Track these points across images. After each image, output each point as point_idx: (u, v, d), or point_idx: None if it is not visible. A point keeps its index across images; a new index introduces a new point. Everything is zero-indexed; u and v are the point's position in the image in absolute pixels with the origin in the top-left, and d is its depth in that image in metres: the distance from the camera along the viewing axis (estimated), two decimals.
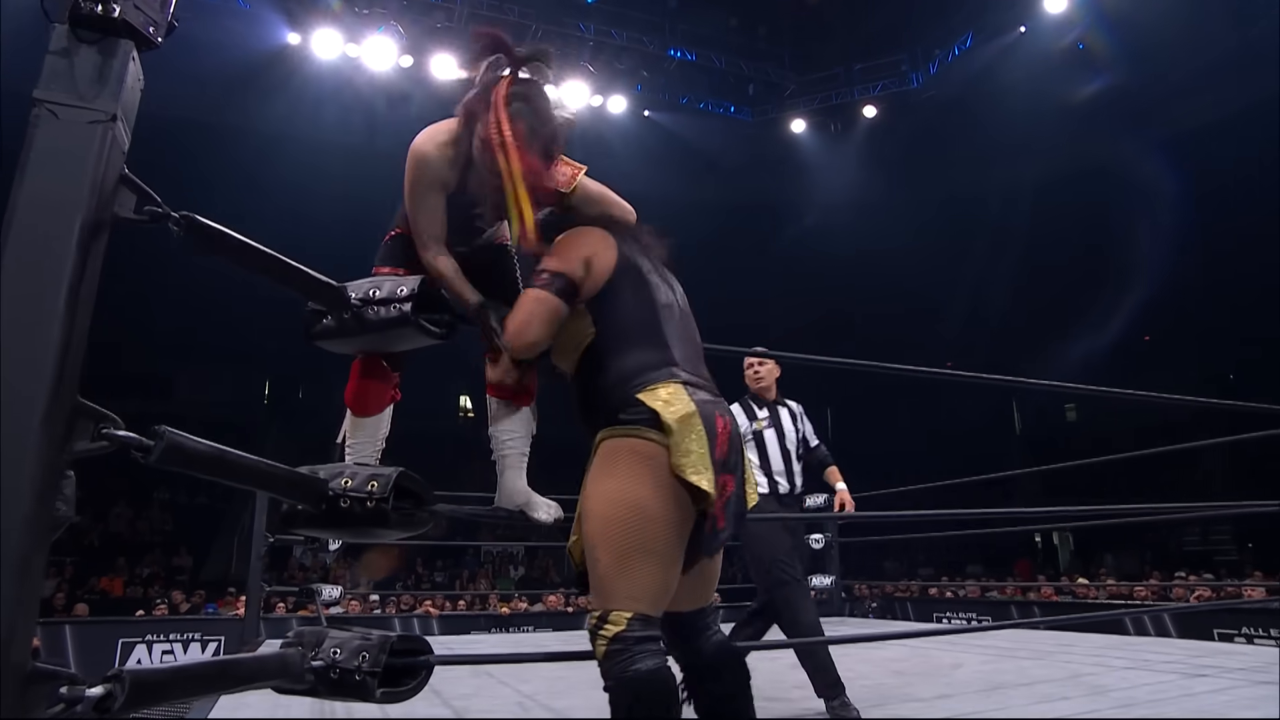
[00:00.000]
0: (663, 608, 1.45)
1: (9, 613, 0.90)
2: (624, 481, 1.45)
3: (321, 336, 1.66)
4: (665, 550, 1.44)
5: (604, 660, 1.39)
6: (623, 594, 1.41)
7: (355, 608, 8.32)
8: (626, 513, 1.43)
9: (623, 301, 1.60)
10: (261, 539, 4.78)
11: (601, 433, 1.52)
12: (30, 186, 1.03)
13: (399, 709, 2.76)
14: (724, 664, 1.57)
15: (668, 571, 1.45)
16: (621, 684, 1.36)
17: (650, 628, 1.41)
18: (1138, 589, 8.40)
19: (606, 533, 1.44)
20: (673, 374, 1.53)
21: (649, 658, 1.37)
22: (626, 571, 1.41)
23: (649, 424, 1.46)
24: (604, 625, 1.40)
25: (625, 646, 1.37)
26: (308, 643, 1.42)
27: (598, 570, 1.44)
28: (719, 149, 16.60)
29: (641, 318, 1.60)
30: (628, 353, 1.55)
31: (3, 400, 0.97)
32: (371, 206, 13.56)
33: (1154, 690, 3.00)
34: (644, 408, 1.48)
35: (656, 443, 1.45)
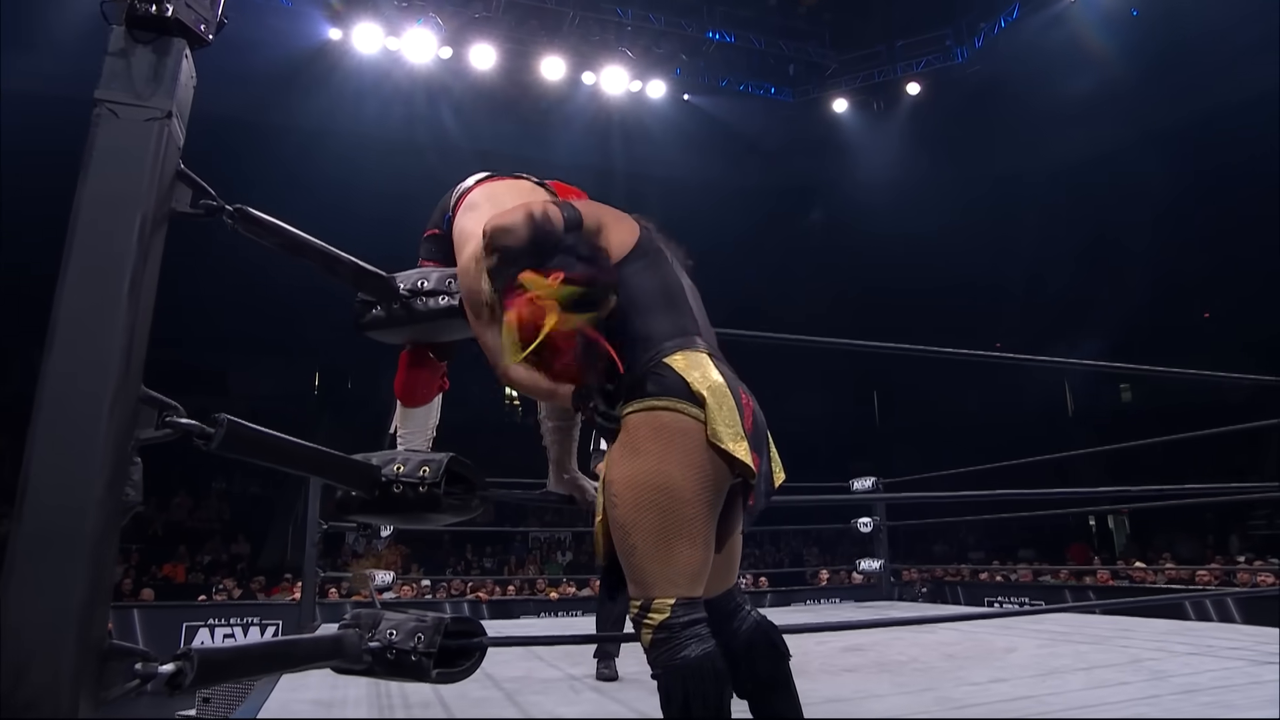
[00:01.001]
0: (703, 586, 1.41)
1: (86, 593, 0.94)
2: (652, 461, 1.39)
3: (371, 327, 1.69)
4: (701, 529, 1.40)
5: (651, 649, 1.37)
6: (663, 580, 1.37)
7: (408, 593, 8.50)
8: (657, 495, 1.38)
9: (645, 273, 1.55)
10: (315, 526, 4.90)
11: (626, 406, 1.45)
12: (93, 184, 1.06)
13: (451, 690, 2.83)
14: (760, 643, 1.54)
15: (705, 550, 1.41)
16: (670, 672, 1.34)
17: (695, 610, 1.38)
18: (1200, 573, 8.14)
19: (638, 518, 1.39)
20: (695, 342, 1.49)
21: (697, 644, 1.35)
22: (664, 556, 1.37)
23: (678, 394, 1.41)
24: (648, 614, 1.37)
25: (671, 634, 1.35)
26: (364, 624, 1.46)
27: (634, 558, 1.40)
28: (760, 131, 16.41)
29: (666, 290, 1.55)
30: (651, 321, 1.49)
31: (72, 389, 1.01)
32: (410, 200, 13.72)
33: (1218, 677, 2.91)
34: (672, 374, 1.42)
35: (686, 414, 1.40)
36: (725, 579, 1.57)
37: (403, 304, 1.64)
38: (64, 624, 0.92)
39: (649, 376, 1.44)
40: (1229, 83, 13.00)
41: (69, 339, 1.01)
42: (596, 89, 14.65)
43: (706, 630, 1.38)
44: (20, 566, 0.93)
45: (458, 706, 2.65)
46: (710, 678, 1.34)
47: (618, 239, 1.56)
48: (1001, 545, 14.39)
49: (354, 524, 4.67)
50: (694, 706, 1.31)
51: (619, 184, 15.35)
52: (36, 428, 0.98)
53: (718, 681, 1.34)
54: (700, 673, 1.33)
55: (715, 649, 1.37)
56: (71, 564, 0.95)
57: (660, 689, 1.35)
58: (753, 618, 1.57)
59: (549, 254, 1.47)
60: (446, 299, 1.67)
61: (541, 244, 1.47)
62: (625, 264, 1.53)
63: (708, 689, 1.33)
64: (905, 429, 17.22)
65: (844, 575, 9.39)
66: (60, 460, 0.98)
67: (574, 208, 1.56)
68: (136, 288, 1.05)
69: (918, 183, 16.10)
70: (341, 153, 14.27)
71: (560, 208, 1.55)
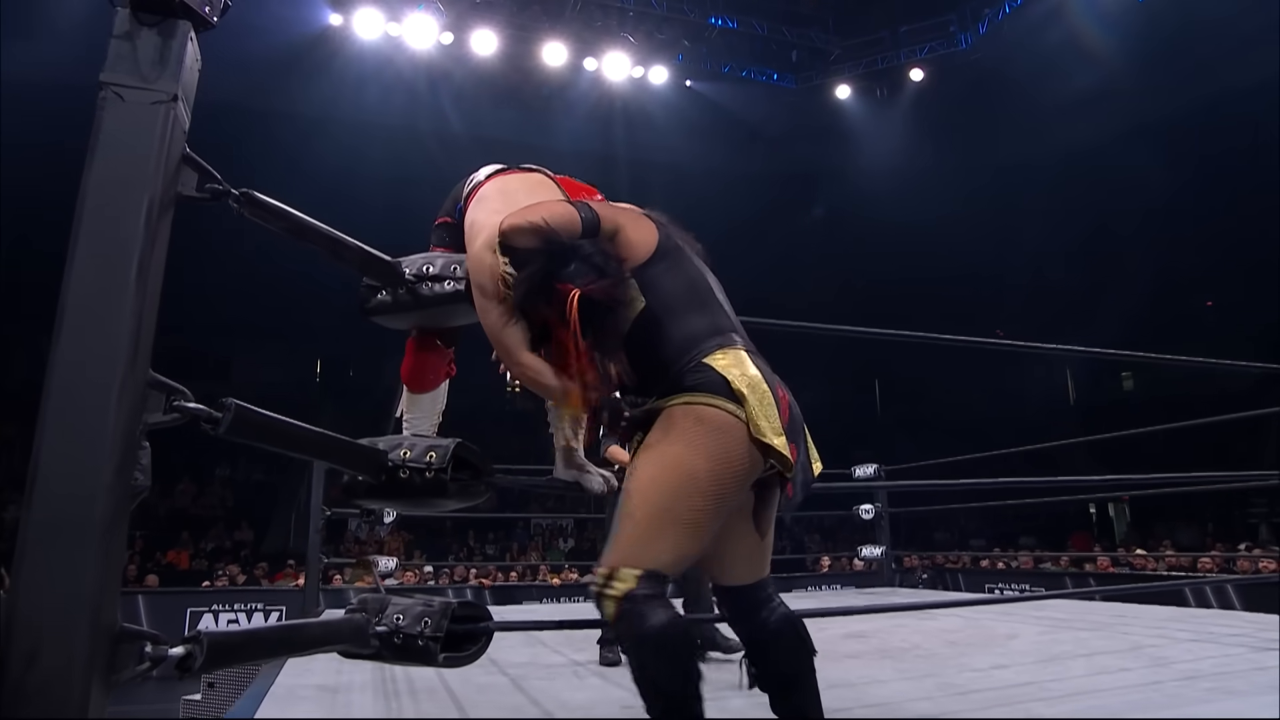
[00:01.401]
0: (677, 575, 1.44)
1: (97, 577, 0.94)
2: (681, 448, 1.40)
3: (377, 311, 1.69)
4: (702, 524, 1.40)
5: (617, 622, 1.36)
6: (644, 554, 1.37)
7: (410, 579, 8.53)
8: (676, 477, 1.39)
9: (671, 273, 1.55)
10: (319, 513, 4.91)
11: (664, 401, 1.47)
12: (99, 167, 1.06)
13: (456, 675, 2.84)
14: (787, 636, 1.54)
15: (696, 545, 1.42)
16: (639, 642, 1.34)
17: (659, 586, 1.37)
18: (1202, 560, 8.16)
19: (649, 491, 1.40)
20: (733, 340, 1.51)
21: (662, 612, 1.34)
22: (656, 534, 1.38)
23: (718, 391, 1.42)
24: (611, 583, 1.37)
25: (635, 605, 1.34)
26: (371, 609, 1.46)
27: (626, 524, 1.41)
28: (762, 118, 16.35)
29: (695, 288, 1.56)
30: (685, 319, 1.50)
31: (81, 375, 1.00)
32: (412, 186, 13.72)
33: (1220, 663, 2.92)
34: (712, 373, 1.44)
35: (726, 410, 1.41)
36: (759, 568, 1.58)
37: (408, 289, 1.64)
38: (76, 608, 0.93)
39: (688, 373, 1.45)
40: (1233, 70, 12.91)
41: (77, 324, 1.01)
42: (598, 75, 14.57)
43: (668, 604, 1.37)
44: (31, 552, 0.93)
45: (463, 691, 2.66)
46: (678, 643, 1.33)
47: (638, 240, 1.56)
48: (1002, 533, 14.42)
49: (357, 510, 4.69)
50: (663, 674, 1.31)
51: (621, 170, 15.29)
52: (46, 413, 0.98)
53: (687, 648, 1.34)
54: (668, 639, 1.32)
55: (678, 618, 1.36)
56: (82, 549, 0.95)
57: (630, 660, 1.35)
58: (781, 610, 1.57)
59: (565, 261, 1.49)
60: (452, 284, 1.67)
61: (557, 251, 1.49)
62: (649, 266, 1.54)
63: (675, 656, 1.32)
64: (906, 417, 17.22)
65: (845, 562, 9.42)
66: (70, 446, 0.98)
67: (591, 210, 1.55)
68: (144, 272, 1.04)
69: (921, 170, 16.04)
70: (343, 139, 14.23)
71: (577, 209, 1.54)
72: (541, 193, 1.75)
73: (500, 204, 1.66)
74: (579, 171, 2.08)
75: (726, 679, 1.77)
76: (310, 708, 2.45)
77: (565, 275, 1.49)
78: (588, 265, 1.49)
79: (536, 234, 1.50)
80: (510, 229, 1.52)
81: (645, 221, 1.61)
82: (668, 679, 1.32)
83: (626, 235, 1.55)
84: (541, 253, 1.50)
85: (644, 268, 1.54)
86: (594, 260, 1.49)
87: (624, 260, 1.52)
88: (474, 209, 1.73)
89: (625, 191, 2.08)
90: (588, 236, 1.52)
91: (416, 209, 7.32)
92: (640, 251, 1.54)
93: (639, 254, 1.54)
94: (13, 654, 0.89)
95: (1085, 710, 2.22)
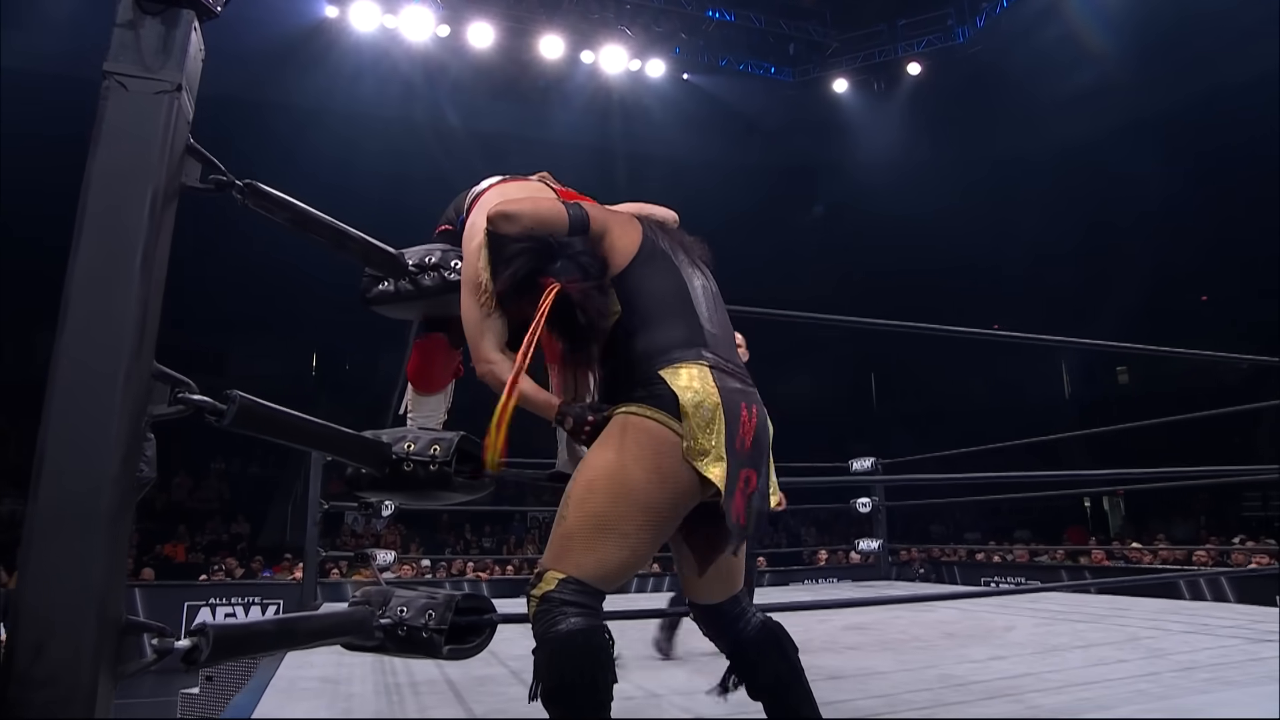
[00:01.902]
0: (609, 589, 1.40)
1: (104, 569, 0.94)
2: (622, 458, 1.39)
3: (378, 301, 1.69)
4: (635, 536, 1.38)
5: (534, 622, 1.36)
6: (572, 560, 1.37)
7: (408, 572, 8.53)
8: (613, 486, 1.38)
9: (650, 280, 1.54)
10: (316, 506, 4.90)
11: (618, 406, 1.46)
12: (103, 157, 1.05)
13: (456, 668, 2.85)
14: (768, 645, 1.52)
15: (630, 557, 1.40)
16: (543, 644, 1.33)
17: (584, 595, 1.36)
18: (1198, 553, 8.21)
19: (585, 498, 1.39)
20: (700, 355, 1.46)
21: (574, 619, 1.33)
22: (588, 541, 1.37)
23: (665, 407, 1.40)
24: (537, 584, 1.38)
25: (550, 608, 1.34)
26: (375, 601, 1.46)
27: (560, 528, 1.40)
28: (759, 111, 16.32)
29: (672, 296, 1.53)
30: (656, 329, 1.48)
31: (86, 366, 1.00)
32: (408, 180, 13.69)
33: (1216, 655, 2.94)
34: (664, 387, 1.41)
35: (669, 428, 1.39)
36: (726, 588, 1.56)
37: (410, 279, 1.64)
38: (83, 600, 0.93)
39: (642, 385, 1.43)
40: (1231, 64, 12.93)
41: (82, 315, 1.00)
42: (595, 68, 14.53)
43: (589, 611, 1.35)
44: (38, 543, 0.93)
45: (463, 684, 2.67)
46: (576, 651, 1.31)
47: (622, 245, 1.55)
48: (997, 526, 14.48)
49: (355, 504, 4.69)
50: (554, 678, 1.30)
51: (618, 163, 15.27)
52: (51, 405, 0.97)
53: (590, 657, 1.31)
54: (567, 646, 1.31)
55: (593, 627, 1.34)
56: (88, 541, 0.95)
57: (535, 660, 1.34)
58: (757, 620, 1.56)
59: (553, 257, 1.50)
60: (453, 274, 1.67)
61: (544, 246, 1.49)
62: (630, 270, 1.53)
63: (574, 662, 1.30)
64: (903, 411, 17.26)
65: (842, 555, 9.44)
66: (75, 437, 0.97)
67: (581, 209, 1.56)
68: (149, 262, 1.04)
69: (918, 164, 16.04)
70: (339, 131, 14.17)
71: (567, 208, 1.55)
72: (540, 195, 1.75)
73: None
74: (575, 164, 2.08)
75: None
76: (313, 700, 2.45)
77: (550, 271, 1.49)
78: (574, 264, 1.50)
79: (522, 220, 1.51)
80: (496, 215, 1.53)
81: (633, 226, 1.60)
82: (561, 679, 1.30)
83: (612, 240, 1.55)
84: (529, 247, 1.50)
85: (623, 274, 1.53)
86: (580, 260, 1.50)
87: (606, 266, 1.52)
88: (475, 214, 1.74)
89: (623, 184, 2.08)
90: (575, 235, 1.53)
91: (413, 202, 7.27)
92: (622, 258, 1.54)
93: (620, 260, 1.54)
94: (20, 645, 0.89)
95: (1084, 701, 2.23)
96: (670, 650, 3.08)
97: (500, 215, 1.52)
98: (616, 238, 1.55)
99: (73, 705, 0.88)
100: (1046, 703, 2.23)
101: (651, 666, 2.95)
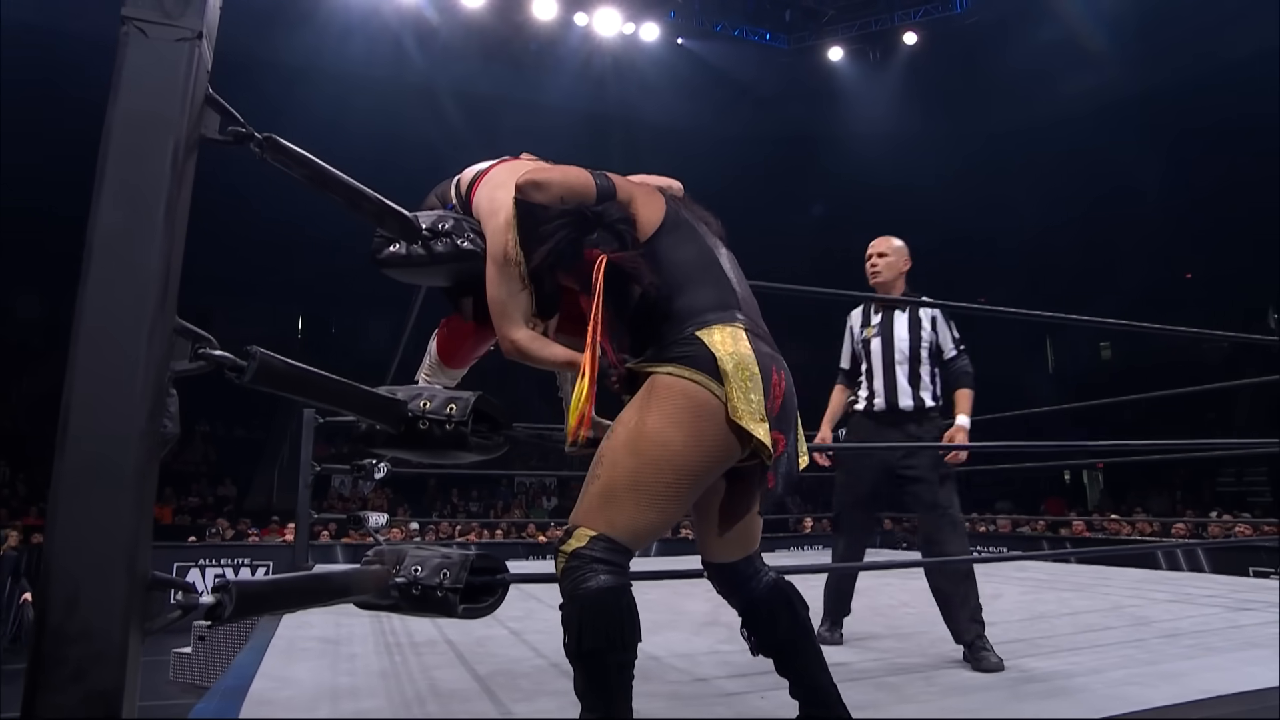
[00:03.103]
0: (637, 549, 1.41)
1: (131, 524, 0.93)
2: (662, 421, 1.37)
3: (389, 264, 1.67)
4: (670, 500, 1.38)
5: (562, 578, 1.36)
6: (604, 518, 1.37)
7: (398, 535, 8.55)
8: (649, 447, 1.37)
9: (677, 248, 1.53)
10: (308, 468, 4.88)
11: (652, 367, 1.44)
12: (123, 106, 1.02)
13: (455, 628, 2.87)
14: (777, 605, 1.55)
15: (662, 520, 1.41)
16: (571, 601, 1.33)
17: (614, 554, 1.35)
18: (1176, 526, 8.37)
19: (619, 458, 1.39)
20: (735, 317, 1.46)
21: (605, 575, 1.33)
22: (622, 501, 1.37)
23: (704, 368, 1.38)
24: (567, 540, 1.38)
25: (581, 564, 1.34)
26: (388, 560, 1.46)
27: (593, 486, 1.40)
28: (753, 78, 16.16)
29: (700, 262, 1.53)
30: (688, 293, 1.47)
31: (110, 319, 0.98)
32: (399, 141, 13.45)
33: (1199, 622, 3.01)
34: (701, 347, 1.40)
35: (709, 389, 1.38)
36: (744, 547, 1.58)
37: (423, 243, 1.62)
38: (112, 556, 0.92)
39: (678, 344, 1.42)
40: (1232, 38, 12.90)
41: (105, 267, 0.98)
42: (589, 30, 14.31)
43: (618, 570, 1.36)
44: (65, 500, 0.92)
45: (463, 644, 2.69)
46: (607, 609, 1.32)
47: (646, 214, 1.54)
48: (977, 499, 14.65)
49: (345, 467, 4.68)
50: (586, 635, 1.30)
51: (612, 128, 15.10)
52: (75, 359, 0.96)
53: (618, 615, 1.33)
54: (598, 603, 1.32)
55: (622, 585, 1.35)
56: (116, 497, 0.94)
57: (564, 615, 1.35)
58: (769, 578, 1.58)
59: (590, 228, 1.50)
60: (466, 242, 1.65)
61: (581, 217, 1.50)
62: (655, 239, 1.52)
63: (604, 620, 1.31)
64: None
65: (827, 523, 9.55)
66: (101, 393, 0.96)
67: (607, 178, 1.55)
68: (172, 215, 1.01)
69: (913, 135, 15.96)
70: (328, 91, 13.90)
71: (593, 176, 1.54)
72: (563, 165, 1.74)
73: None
74: (568, 128, 2.07)
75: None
76: (315, 660, 2.47)
77: (590, 242, 1.50)
78: (612, 233, 1.49)
79: (551, 190, 1.51)
80: (526, 183, 1.53)
81: (655, 195, 1.59)
82: (592, 637, 1.30)
83: (637, 208, 1.54)
84: (567, 220, 1.51)
85: (650, 241, 1.53)
86: (618, 228, 1.49)
87: (636, 233, 1.52)
88: (485, 192, 1.72)
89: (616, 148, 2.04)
90: (604, 199, 1.52)
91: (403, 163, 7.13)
92: (648, 227, 1.53)
93: (646, 229, 1.53)
94: (52, 601, 0.88)
95: (1075, 665, 2.28)
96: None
97: (530, 184, 1.52)
98: (641, 206, 1.54)
99: (106, 660, 0.88)
100: (1039, 666, 2.28)
101: (649, 629, 2.98)
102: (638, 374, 1.48)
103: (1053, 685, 2.06)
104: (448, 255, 1.64)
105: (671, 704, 1.95)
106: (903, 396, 2.81)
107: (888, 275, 2.93)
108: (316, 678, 2.23)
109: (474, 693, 2.06)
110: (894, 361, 2.83)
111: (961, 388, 2.88)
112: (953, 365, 2.90)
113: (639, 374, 1.47)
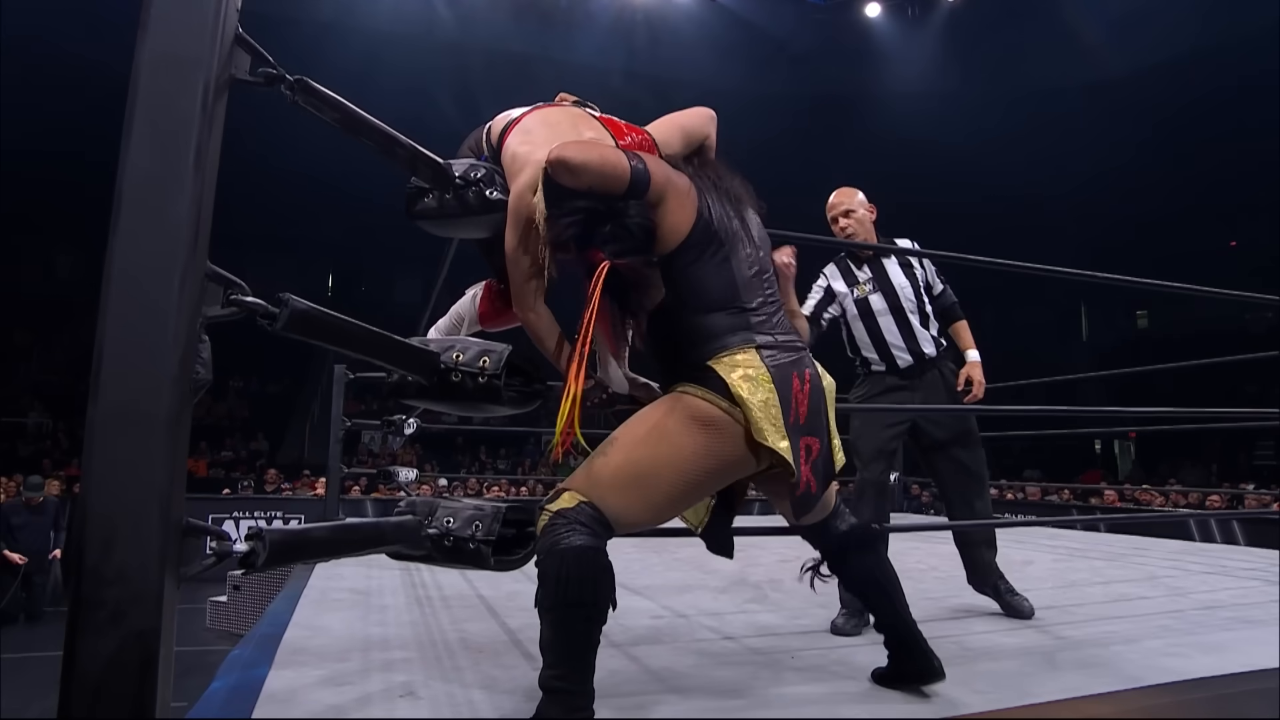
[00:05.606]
0: (618, 533, 1.43)
1: (166, 469, 0.93)
2: (680, 425, 1.42)
3: (422, 216, 1.63)
4: (665, 497, 1.42)
5: (541, 535, 1.38)
6: (598, 493, 1.39)
7: (427, 491, 8.67)
8: (661, 446, 1.41)
9: (698, 266, 1.48)
10: (339, 423, 4.93)
11: (677, 383, 1.49)
12: (152, 44, 0.99)
13: (484, 580, 2.90)
14: (851, 549, 1.67)
15: (649, 518, 1.46)
16: (548, 555, 1.35)
17: (596, 524, 1.38)
18: (1211, 497, 8.23)
19: (633, 444, 1.42)
20: (749, 339, 1.46)
21: (583, 536, 1.35)
22: (622, 484, 1.40)
23: (721, 393, 1.42)
24: (553, 500, 1.40)
25: (563, 522, 1.36)
26: (421, 511, 1.46)
27: (598, 462, 1.43)
28: (789, 35, 15.78)
29: (719, 284, 1.48)
30: (704, 317, 1.47)
31: (141, 265, 0.97)
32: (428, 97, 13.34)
33: (1237, 594, 2.95)
34: (714, 378, 1.43)
35: (726, 411, 1.41)
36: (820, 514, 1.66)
37: (455, 193, 1.58)
38: (147, 500, 0.92)
39: (692, 369, 1.46)
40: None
41: (135, 212, 0.96)
42: None
43: (595, 536, 1.37)
44: (99, 445, 0.92)
45: (493, 598, 2.72)
46: (586, 565, 1.34)
47: (673, 221, 1.47)
48: (1006, 466, 14.53)
49: (376, 423, 4.71)
50: (566, 588, 1.32)
51: (642, 84, 14.86)
52: (107, 305, 0.94)
53: (594, 572, 1.34)
54: (579, 559, 1.33)
55: (599, 546, 1.37)
56: (150, 442, 0.93)
57: (538, 574, 1.36)
58: (844, 525, 1.70)
59: (604, 222, 1.43)
60: (497, 192, 1.61)
61: (595, 210, 1.43)
62: (679, 253, 1.48)
63: (584, 575, 1.33)
64: None
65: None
66: (133, 338, 0.95)
67: (645, 167, 1.45)
68: (202, 157, 0.99)
69: (951, 93, 15.53)
70: (357, 47, 13.80)
71: (630, 162, 1.44)
72: (586, 131, 1.64)
73: (546, 136, 1.58)
74: (601, 86, 2.00)
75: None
76: (347, 611, 2.50)
77: (599, 236, 1.44)
78: (623, 229, 1.43)
79: (583, 178, 1.42)
80: (558, 162, 1.43)
81: (689, 200, 1.49)
82: (573, 589, 1.32)
83: (666, 211, 1.46)
84: (583, 209, 1.43)
85: (672, 256, 1.48)
86: (632, 230, 1.43)
87: (654, 235, 1.46)
88: (515, 141, 1.64)
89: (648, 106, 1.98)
90: (633, 195, 1.44)
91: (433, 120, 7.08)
92: (673, 238, 1.47)
93: (671, 239, 1.47)
94: (89, 543, 0.89)
95: (1110, 634, 2.25)
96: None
97: (562, 165, 1.42)
98: (671, 210, 1.46)
99: (143, 602, 0.88)
100: (1074, 634, 2.25)
101: (678, 589, 2.99)
102: (620, 396, 1.59)
103: (1086, 654, 2.02)
104: (479, 206, 1.61)
105: (700, 660, 1.95)
106: (925, 344, 2.71)
107: (862, 232, 2.75)
108: (349, 628, 2.26)
109: (505, 646, 2.07)
110: (905, 311, 2.70)
111: (957, 319, 2.83)
112: (943, 298, 2.82)
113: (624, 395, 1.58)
